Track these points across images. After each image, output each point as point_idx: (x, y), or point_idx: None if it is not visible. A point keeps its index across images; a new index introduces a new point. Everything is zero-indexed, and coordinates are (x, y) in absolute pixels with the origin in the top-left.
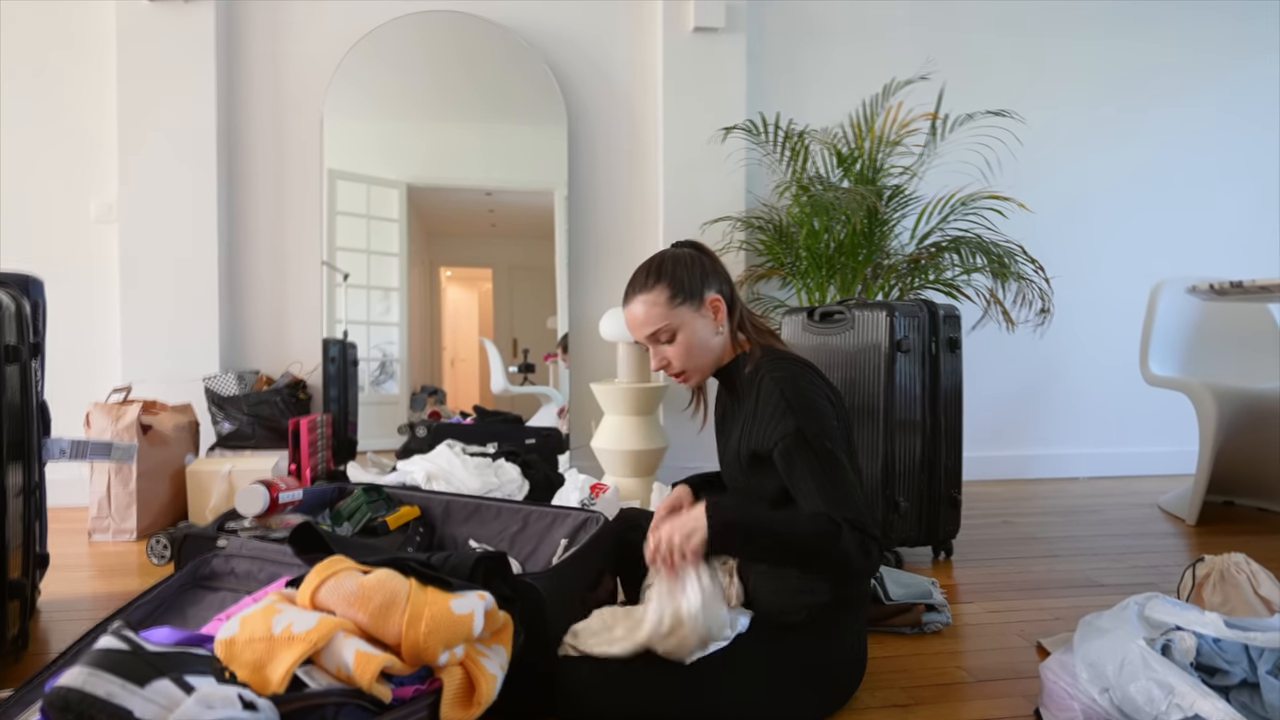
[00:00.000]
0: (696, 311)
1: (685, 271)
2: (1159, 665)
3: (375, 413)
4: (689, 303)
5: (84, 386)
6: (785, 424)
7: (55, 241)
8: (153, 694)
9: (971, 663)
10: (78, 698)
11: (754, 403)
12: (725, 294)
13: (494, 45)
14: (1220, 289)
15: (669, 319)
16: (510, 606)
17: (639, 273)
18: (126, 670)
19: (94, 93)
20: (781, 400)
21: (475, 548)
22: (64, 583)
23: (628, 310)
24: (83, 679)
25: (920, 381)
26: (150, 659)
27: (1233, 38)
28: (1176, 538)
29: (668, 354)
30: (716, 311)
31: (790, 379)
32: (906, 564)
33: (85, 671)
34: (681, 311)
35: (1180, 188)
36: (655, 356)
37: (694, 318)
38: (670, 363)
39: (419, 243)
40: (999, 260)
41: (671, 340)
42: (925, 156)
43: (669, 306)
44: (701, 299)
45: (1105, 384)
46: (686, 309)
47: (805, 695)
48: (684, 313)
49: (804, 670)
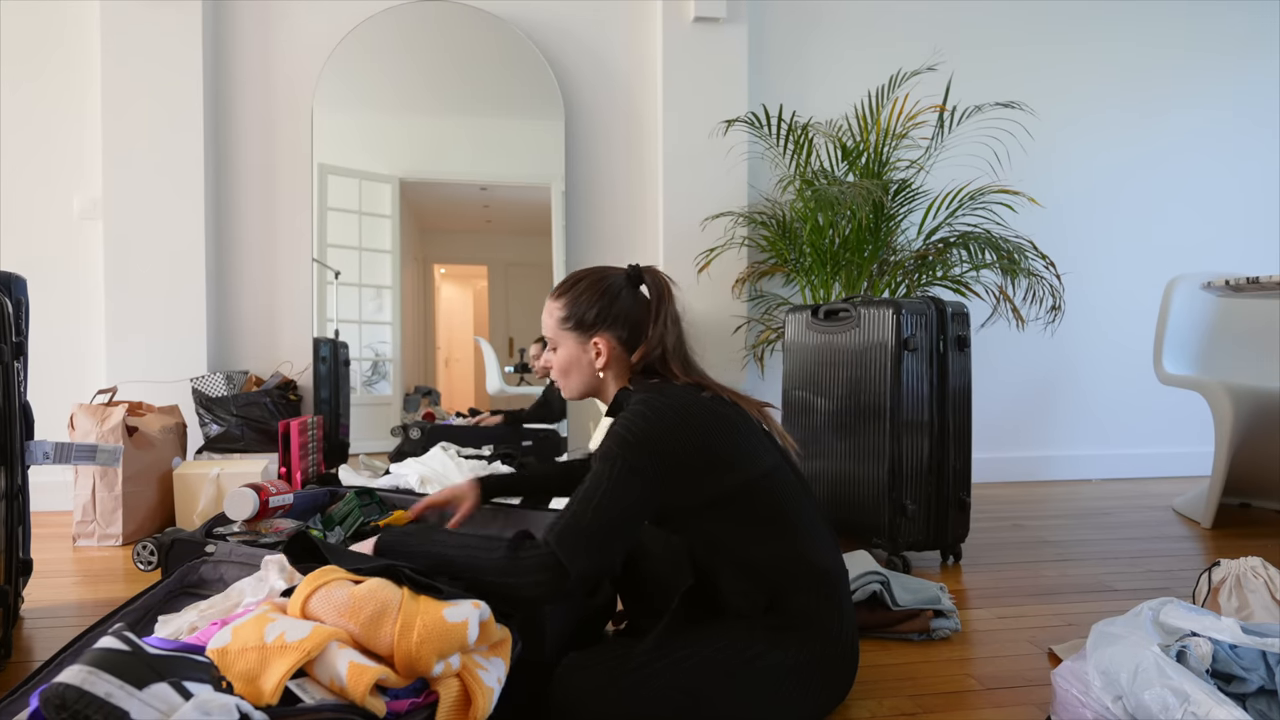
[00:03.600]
0: (579, 343)
1: (587, 303)
2: (1174, 672)
3: (368, 414)
4: (575, 331)
5: (68, 387)
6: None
7: (38, 238)
8: (150, 697)
9: (981, 670)
10: (75, 695)
11: None
12: (621, 339)
13: (488, 36)
14: (1236, 285)
15: (554, 334)
16: (510, 621)
17: (566, 278)
18: (126, 671)
19: (77, 87)
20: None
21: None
22: (48, 589)
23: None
24: (82, 677)
25: (928, 381)
26: (150, 661)
27: (1247, 32)
28: (1191, 541)
29: (549, 357)
30: (598, 353)
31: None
32: (914, 569)
33: (85, 670)
34: (566, 335)
35: (1195, 181)
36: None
37: (575, 346)
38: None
39: (412, 239)
40: (1009, 256)
41: (555, 349)
42: (932, 149)
43: (558, 325)
44: (588, 336)
45: (1118, 383)
46: (571, 336)
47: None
48: (567, 337)
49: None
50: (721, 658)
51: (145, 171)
